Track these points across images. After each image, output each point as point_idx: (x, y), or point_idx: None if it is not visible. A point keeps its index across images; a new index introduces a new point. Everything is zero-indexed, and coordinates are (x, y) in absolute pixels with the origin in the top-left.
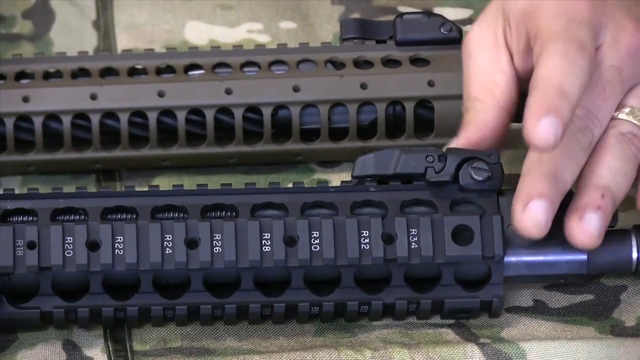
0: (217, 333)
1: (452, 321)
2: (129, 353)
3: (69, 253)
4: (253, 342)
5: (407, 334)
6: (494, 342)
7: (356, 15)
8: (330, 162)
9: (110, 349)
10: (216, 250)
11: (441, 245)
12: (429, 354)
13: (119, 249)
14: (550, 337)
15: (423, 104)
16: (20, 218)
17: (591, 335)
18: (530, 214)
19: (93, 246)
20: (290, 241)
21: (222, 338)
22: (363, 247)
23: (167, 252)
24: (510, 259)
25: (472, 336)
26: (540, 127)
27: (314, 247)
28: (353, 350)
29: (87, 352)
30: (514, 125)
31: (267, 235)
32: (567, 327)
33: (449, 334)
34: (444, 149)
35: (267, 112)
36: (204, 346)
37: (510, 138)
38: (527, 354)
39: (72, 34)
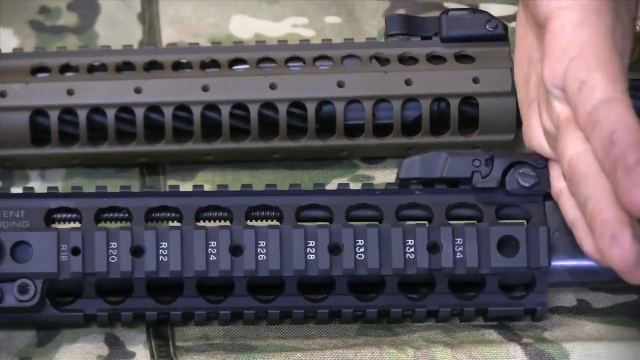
0: (259, 331)
1: (492, 322)
2: (171, 349)
3: (113, 259)
4: (296, 340)
5: (450, 334)
6: (537, 342)
7: (401, 11)
8: (374, 158)
9: (153, 344)
10: (261, 257)
11: (486, 256)
12: (472, 353)
13: (164, 255)
14: (593, 338)
15: (468, 100)
16: (64, 216)
17: (635, 337)
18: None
19: (137, 252)
20: (334, 249)
21: (265, 336)
22: (408, 256)
23: (211, 258)
24: (555, 265)
25: (515, 336)
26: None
27: (358, 256)
28: (395, 348)
29: (130, 348)
30: None
31: (312, 243)
32: (611, 328)
33: (492, 334)
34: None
35: (311, 108)
36: (246, 343)
37: None
38: (570, 355)
39: (117, 27)
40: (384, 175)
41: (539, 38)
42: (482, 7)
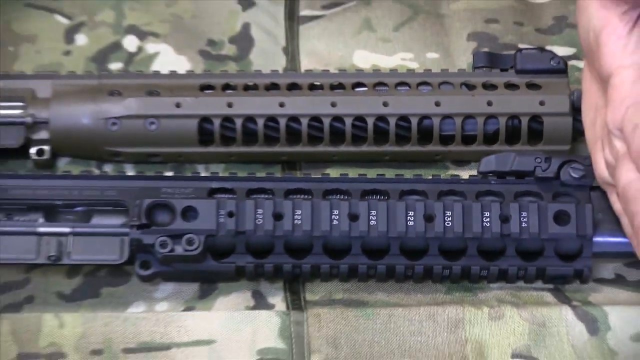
0: (370, 288)
1: (551, 286)
2: (302, 302)
3: (259, 221)
4: (398, 296)
5: (516, 295)
6: (583, 305)
7: (485, 49)
8: (461, 161)
9: (288, 298)
10: (372, 223)
11: (545, 225)
12: (533, 312)
13: (298, 219)
14: (628, 303)
15: (535, 118)
16: (223, 195)
17: None
18: None
19: (278, 217)
20: (429, 218)
21: (375, 292)
22: (484, 224)
23: (334, 222)
24: (598, 239)
25: (566, 299)
26: None
27: (447, 223)
28: (474, 307)
29: (271, 300)
30: None
31: (412, 213)
32: None
33: (548, 296)
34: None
35: (414, 121)
36: (360, 299)
37: None
38: (609, 316)
39: (266, 57)
40: (468, 174)
41: (602, 90)
42: (548, 47)
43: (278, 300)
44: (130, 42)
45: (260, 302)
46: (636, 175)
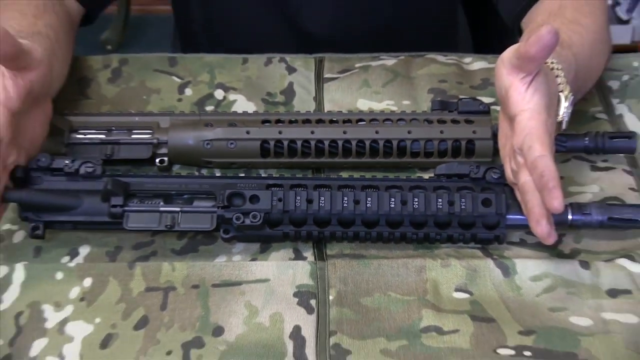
0: (366, 247)
1: (480, 246)
2: (324, 255)
3: (297, 204)
4: (384, 252)
5: (458, 252)
6: (500, 258)
7: (439, 99)
8: (424, 168)
9: (315, 253)
10: (368, 205)
11: (476, 207)
12: (469, 262)
13: (322, 203)
14: (528, 257)
15: (470, 142)
16: (275, 189)
17: (547, 257)
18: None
19: (309, 201)
20: (404, 202)
21: (369, 249)
22: (439, 206)
23: (344, 205)
24: (509, 216)
25: (489, 254)
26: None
27: (415, 205)
28: (432, 259)
29: (304, 254)
30: None
31: (393, 199)
32: (537, 253)
33: (478, 253)
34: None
35: (395, 143)
36: (360, 253)
37: None
38: (516, 265)
39: (303, 103)
40: (428, 177)
41: (510, 125)
42: (478, 97)
43: (309, 254)
44: (218, 93)
45: (298, 255)
46: (529, 178)
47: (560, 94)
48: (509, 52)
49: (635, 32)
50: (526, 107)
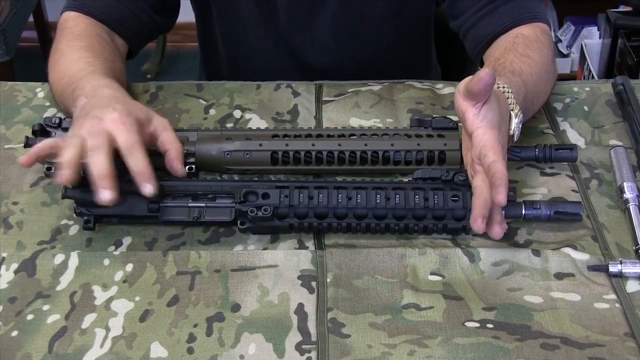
0: (358, 237)
1: (450, 236)
2: (323, 245)
3: (301, 200)
4: (372, 242)
5: (433, 242)
6: (467, 247)
7: (417, 117)
8: (404, 173)
9: (315, 243)
10: (359, 201)
11: (447, 202)
12: (441, 250)
13: (321, 199)
14: (491, 246)
15: (442, 152)
16: (282, 189)
17: (506, 246)
18: (478, 226)
19: (311, 198)
20: (387, 199)
21: (360, 239)
22: (416, 202)
23: (339, 201)
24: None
25: (458, 244)
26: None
27: (396, 202)
28: (411, 247)
29: (307, 244)
30: None
31: (379, 197)
32: (497, 243)
33: (449, 242)
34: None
35: (380, 154)
36: (352, 243)
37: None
38: (480, 253)
39: (305, 121)
40: (407, 180)
41: (469, 139)
42: (448, 116)
43: (310, 244)
44: (237, 113)
45: (301, 245)
46: (480, 183)
47: (511, 112)
48: (462, 84)
49: (574, 64)
50: (480, 125)
